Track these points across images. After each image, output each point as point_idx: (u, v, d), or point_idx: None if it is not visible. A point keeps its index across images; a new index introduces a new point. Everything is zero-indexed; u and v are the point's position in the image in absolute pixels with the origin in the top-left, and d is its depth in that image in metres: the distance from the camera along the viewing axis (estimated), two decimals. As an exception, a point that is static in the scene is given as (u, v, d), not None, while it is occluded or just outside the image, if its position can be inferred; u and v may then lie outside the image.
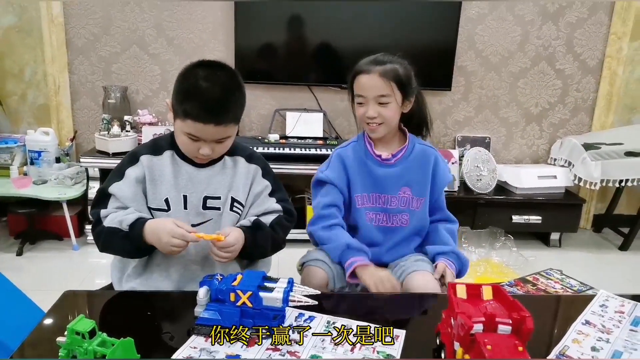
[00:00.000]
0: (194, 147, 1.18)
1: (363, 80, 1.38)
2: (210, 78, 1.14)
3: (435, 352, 0.93)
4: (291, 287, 0.97)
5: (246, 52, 2.90)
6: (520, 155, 3.27)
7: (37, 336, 0.94)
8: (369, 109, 1.38)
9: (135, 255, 1.19)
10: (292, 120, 2.96)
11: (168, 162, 1.23)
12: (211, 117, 1.13)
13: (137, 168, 1.21)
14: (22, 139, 2.82)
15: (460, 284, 0.94)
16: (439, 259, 1.41)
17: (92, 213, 1.21)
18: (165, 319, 1.05)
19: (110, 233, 1.14)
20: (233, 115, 1.17)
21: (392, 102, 1.38)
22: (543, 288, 1.96)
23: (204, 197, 1.23)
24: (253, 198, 1.28)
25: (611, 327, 1.06)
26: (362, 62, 1.42)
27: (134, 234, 1.13)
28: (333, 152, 1.49)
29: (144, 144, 1.31)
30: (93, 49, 2.91)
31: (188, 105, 1.13)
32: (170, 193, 1.21)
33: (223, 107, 1.14)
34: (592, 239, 3.20)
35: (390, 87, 1.37)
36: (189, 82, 1.15)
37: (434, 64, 3.00)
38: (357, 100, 1.41)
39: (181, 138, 1.18)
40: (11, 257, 2.58)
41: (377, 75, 1.37)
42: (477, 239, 2.71)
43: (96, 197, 1.21)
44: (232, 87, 1.17)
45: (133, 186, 1.20)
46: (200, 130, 1.14)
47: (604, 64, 3.11)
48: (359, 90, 1.40)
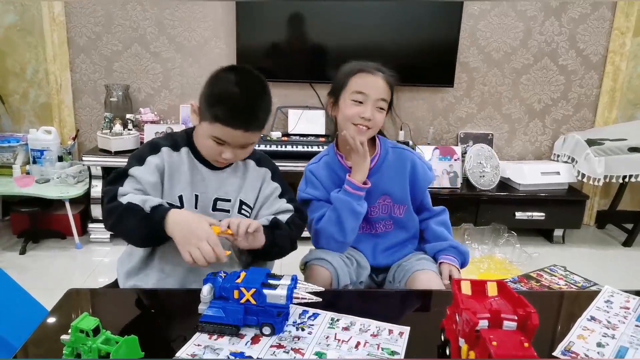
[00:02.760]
0: (217, 151, 1.18)
1: (369, 80, 1.34)
2: (242, 84, 1.15)
3: (440, 348, 0.93)
4: (295, 284, 0.97)
5: (248, 49, 2.89)
6: (523, 151, 3.26)
7: (41, 334, 0.94)
8: (366, 109, 1.33)
9: (146, 241, 1.13)
10: (294, 117, 2.95)
11: (185, 160, 1.23)
12: (241, 123, 1.14)
13: (158, 158, 1.20)
14: (25, 137, 2.82)
15: (464, 280, 0.94)
16: (439, 257, 1.40)
17: (106, 190, 1.15)
18: (169, 316, 1.05)
19: (129, 210, 1.08)
20: (262, 121, 1.19)
21: (385, 109, 1.37)
22: (547, 284, 1.95)
23: (215, 198, 1.23)
24: (263, 200, 1.28)
25: (616, 323, 1.05)
26: (357, 64, 1.37)
27: (155, 217, 1.07)
28: (305, 169, 1.45)
29: (161, 136, 1.29)
30: (94, 47, 2.91)
31: (219, 110, 1.13)
32: (185, 191, 1.21)
33: (254, 113, 1.16)
34: (595, 235, 3.19)
35: (389, 94, 1.36)
36: (221, 87, 1.15)
37: (436, 61, 3.00)
38: (353, 97, 1.34)
39: (205, 141, 1.18)
40: (14, 255, 2.58)
41: (383, 78, 1.35)
42: (480, 235, 2.70)
43: (113, 176, 1.17)
44: (262, 94, 1.18)
45: (154, 174, 1.18)
46: (229, 134, 1.14)
47: (607, 60, 3.10)
48: (360, 87, 1.34)
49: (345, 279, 1.34)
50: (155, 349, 0.88)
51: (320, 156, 1.48)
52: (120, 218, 1.09)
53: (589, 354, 0.94)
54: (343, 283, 1.33)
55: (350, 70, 1.36)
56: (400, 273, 1.38)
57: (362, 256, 1.44)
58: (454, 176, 2.86)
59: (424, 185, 1.45)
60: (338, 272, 1.32)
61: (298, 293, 0.96)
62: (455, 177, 2.86)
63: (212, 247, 1.01)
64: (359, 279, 1.41)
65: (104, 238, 2.77)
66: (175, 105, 3.02)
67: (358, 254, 1.44)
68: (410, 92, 3.05)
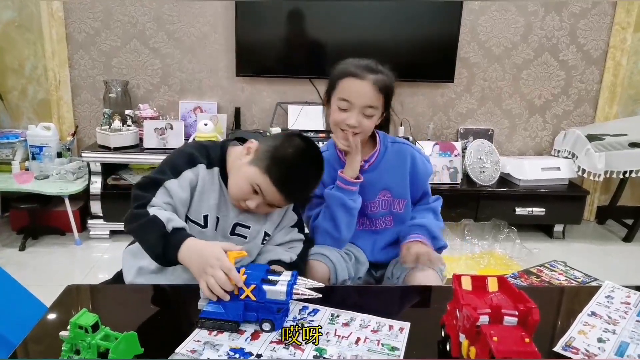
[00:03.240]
0: (246, 195, 1.16)
1: (354, 86, 1.27)
2: (307, 160, 1.18)
3: (440, 344, 0.93)
4: (295, 280, 0.97)
5: (247, 45, 2.88)
6: (524, 147, 3.25)
7: (40, 331, 0.94)
8: (351, 117, 1.27)
9: (158, 258, 1.11)
10: (293, 113, 2.95)
11: (216, 180, 1.21)
12: (288, 191, 1.15)
13: (193, 173, 1.18)
14: (24, 134, 2.81)
15: (465, 276, 0.94)
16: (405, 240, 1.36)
17: (137, 194, 1.13)
18: (168, 312, 1.05)
19: (152, 223, 1.07)
20: (303, 198, 1.26)
21: (376, 114, 1.30)
22: (547, 280, 1.95)
23: (235, 223, 1.23)
24: (280, 228, 1.29)
25: (617, 319, 1.05)
26: (350, 64, 1.30)
27: (172, 239, 1.06)
28: None
29: (196, 147, 1.24)
30: (93, 43, 2.89)
31: (276, 169, 1.13)
32: (211, 212, 1.20)
33: (302, 190, 1.22)
34: (595, 231, 3.19)
35: (380, 99, 1.29)
36: (289, 150, 1.15)
37: (437, 56, 2.98)
38: (338, 104, 1.29)
39: (242, 181, 1.16)
40: (14, 252, 2.58)
41: (370, 83, 1.26)
42: (481, 231, 2.70)
43: (147, 182, 1.15)
44: (317, 178, 1.22)
45: (186, 190, 1.17)
46: (270, 191, 1.14)
47: (607, 55, 3.09)
48: (345, 94, 1.28)
49: (344, 274, 1.33)
50: (155, 345, 0.87)
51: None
52: (141, 227, 1.09)
53: (589, 350, 0.93)
54: (341, 278, 1.33)
55: (340, 73, 1.30)
56: (399, 270, 1.38)
57: (361, 252, 1.44)
58: (454, 172, 2.85)
59: (424, 178, 1.44)
60: (336, 267, 1.32)
61: (298, 289, 0.95)
62: (455, 172, 2.85)
63: (226, 273, 0.96)
64: (357, 274, 1.40)
65: (103, 234, 2.76)
66: (175, 101, 3.01)
67: (357, 250, 1.44)
68: (410, 88, 3.04)
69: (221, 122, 2.92)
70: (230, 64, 2.93)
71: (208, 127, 2.68)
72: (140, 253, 1.20)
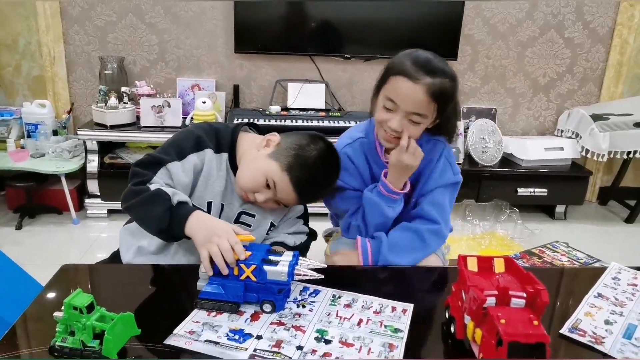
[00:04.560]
0: (257, 187, 1.13)
1: (404, 87, 1.13)
2: (327, 166, 1.16)
3: (444, 325, 0.91)
4: (297, 260, 0.94)
5: (246, 20, 2.80)
6: (527, 126, 3.21)
7: (35, 310, 0.92)
8: (394, 120, 1.16)
9: (161, 232, 1.07)
10: (293, 91, 2.89)
11: (224, 166, 1.18)
12: (302, 195, 1.14)
13: (199, 157, 1.14)
14: (18, 111, 2.76)
15: (471, 257, 0.91)
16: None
17: (136, 171, 1.10)
18: (167, 293, 1.02)
19: (156, 196, 1.04)
20: (312, 201, 1.23)
21: (424, 122, 1.17)
22: (549, 261, 1.94)
23: (240, 212, 1.20)
24: (286, 219, 1.27)
25: (624, 300, 1.03)
26: (407, 58, 1.15)
27: (179, 212, 1.03)
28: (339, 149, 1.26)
29: (206, 130, 1.19)
30: (88, 17, 2.82)
31: (296, 169, 1.11)
32: (215, 198, 1.17)
33: (315, 197, 1.22)
34: (597, 212, 3.17)
35: (431, 107, 1.15)
36: (309, 154, 1.13)
37: (440, 33, 2.92)
38: (384, 102, 1.17)
39: (257, 173, 1.13)
40: (10, 230, 2.56)
41: (424, 89, 1.12)
42: (482, 211, 2.68)
43: (148, 160, 1.12)
44: (330, 184, 1.21)
45: (190, 176, 1.13)
46: (284, 188, 1.12)
47: (614, 32, 3.02)
48: (392, 93, 1.15)
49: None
50: (153, 325, 0.85)
51: (354, 135, 1.31)
52: (144, 201, 1.04)
53: (596, 332, 0.92)
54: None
55: (393, 68, 1.17)
56: None
57: None
58: (456, 151, 2.81)
59: (436, 180, 1.28)
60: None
61: (300, 269, 0.93)
62: (457, 152, 2.81)
63: (232, 245, 0.94)
64: None
65: (101, 213, 2.74)
66: (172, 78, 2.95)
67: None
68: (412, 66, 2.98)
69: (219, 100, 2.87)
70: (229, 40, 2.87)
71: (206, 105, 2.64)
72: (139, 232, 1.17)
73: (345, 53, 2.91)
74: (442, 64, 1.17)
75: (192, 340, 0.82)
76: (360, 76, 3.02)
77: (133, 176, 1.10)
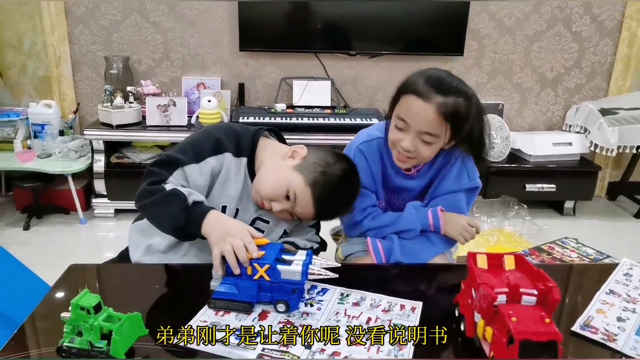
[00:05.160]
0: (275, 196, 1.12)
1: (415, 107, 1.11)
2: (348, 187, 1.15)
3: (454, 323, 0.90)
4: (310, 259, 0.93)
5: (250, 18, 2.80)
6: (535, 122, 3.18)
7: (43, 311, 0.92)
8: (406, 140, 1.13)
9: (176, 231, 1.06)
10: (299, 89, 2.88)
11: (242, 171, 1.16)
12: (321, 212, 1.13)
13: (217, 161, 1.13)
14: (25, 112, 2.77)
15: (480, 254, 0.90)
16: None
17: (152, 170, 1.09)
18: (176, 293, 1.02)
19: (173, 195, 1.03)
20: (330, 218, 1.22)
21: (436, 142, 1.14)
22: (559, 257, 1.92)
23: (255, 217, 1.19)
24: (298, 227, 1.26)
25: (637, 297, 1.02)
26: (420, 77, 1.13)
27: (195, 211, 1.02)
28: (354, 146, 1.27)
29: (226, 132, 1.17)
30: (93, 17, 2.82)
31: (318, 186, 1.09)
32: (231, 203, 1.15)
33: (332, 216, 1.21)
34: (606, 207, 3.14)
35: (443, 127, 1.11)
36: (333, 172, 1.11)
37: (446, 28, 2.90)
38: (396, 122, 1.15)
39: (279, 183, 1.11)
40: (18, 231, 2.57)
41: (435, 108, 1.09)
42: (490, 208, 2.66)
43: (164, 160, 1.10)
44: (348, 206, 1.18)
45: (207, 179, 1.12)
46: (304, 203, 1.10)
47: (622, 26, 2.98)
48: (403, 113, 1.13)
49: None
50: (161, 326, 0.85)
51: (372, 134, 1.29)
52: (160, 200, 1.03)
53: (609, 329, 0.90)
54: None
55: (405, 86, 1.15)
56: None
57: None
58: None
59: (446, 186, 1.28)
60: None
61: (313, 269, 0.92)
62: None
63: (245, 245, 0.93)
64: None
65: (108, 213, 2.75)
66: (177, 77, 2.95)
67: None
68: (418, 62, 2.94)
69: (225, 99, 2.86)
70: (234, 38, 2.86)
71: (212, 104, 2.63)
72: (149, 229, 1.16)
73: (351, 50, 2.90)
74: (456, 82, 1.14)
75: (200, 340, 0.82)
76: (366, 73, 3.00)
77: (148, 175, 1.09)
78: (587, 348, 0.86)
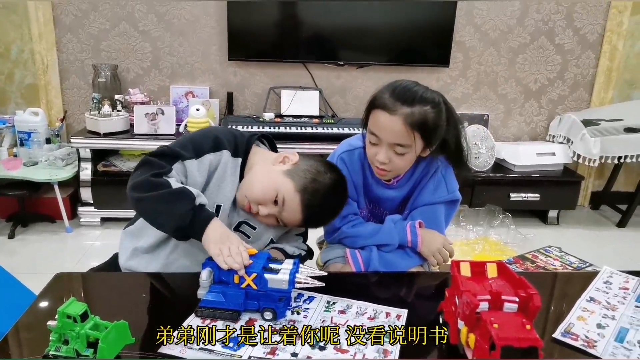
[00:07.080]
0: (264, 200, 1.12)
1: (382, 120, 1.14)
2: (336, 197, 1.16)
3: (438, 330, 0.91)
4: (297, 268, 0.94)
5: (239, 28, 2.82)
6: (519, 132, 3.23)
7: (29, 319, 0.92)
8: (381, 153, 1.17)
9: (176, 229, 1.04)
10: (287, 98, 2.90)
11: (237, 171, 1.17)
12: (308, 219, 1.14)
13: (215, 158, 1.13)
14: (11, 119, 2.75)
15: (464, 262, 0.92)
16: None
17: (152, 161, 1.07)
18: (162, 301, 1.02)
19: (181, 194, 1.02)
20: (316, 226, 1.24)
21: (409, 152, 1.17)
22: (542, 265, 1.95)
23: (242, 221, 1.19)
24: (285, 234, 1.27)
25: (616, 304, 1.04)
26: (386, 92, 1.16)
27: (201, 214, 1.02)
28: (337, 155, 1.30)
29: (224, 133, 1.18)
30: (81, 26, 2.82)
31: (307, 194, 1.11)
32: (226, 203, 1.15)
33: (318, 224, 1.23)
34: (590, 216, 3.20)
35: (411, 137, 1.14)
36: (322, 181, 1.13)
37: (432, 40, 2.94)
38: (369, 137, 1.19)
39: (268, 187, 1.11)
40: (3, 240, 2.54)
41: (401, 120, 1.12)
42: (475, 217, 2.69)
43: (165, 152, 1.10)
44: (334, 214, 1.20)
45: (204, 175, 1.12)
46: (292, 208, 1.11)
47: (604, 39, 3.06)
48: (374, 127, 1.17)
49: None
50: (147, 334, 0.85)
51: (354, 144, 1.31)
52: (166, 196, 1.02)
53: (589, 336, 0.92)
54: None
55: (373, 102, 1.18)
56: None
57: None
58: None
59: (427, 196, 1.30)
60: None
61: (300, 277, 0.93)
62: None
63: (241, 252, 0.96)
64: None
65: (94, 222, 2.73)
66: (166, 85, 2.95)
67: None
68: (405, 73, 2.99)
69: (213, 107, 2.87)
70: (223, 47, 2.88)
71: (200, 113, 2.64)
72: (138, 233, 1.17)
73: (339, 60, 2.93)
74: (421, 92, 1.17)
75: (187, 349, 0.82)
76: (354, 83, 3.04)
77: (145, 165, 1.07)
78: (567, 354, 0.88)
